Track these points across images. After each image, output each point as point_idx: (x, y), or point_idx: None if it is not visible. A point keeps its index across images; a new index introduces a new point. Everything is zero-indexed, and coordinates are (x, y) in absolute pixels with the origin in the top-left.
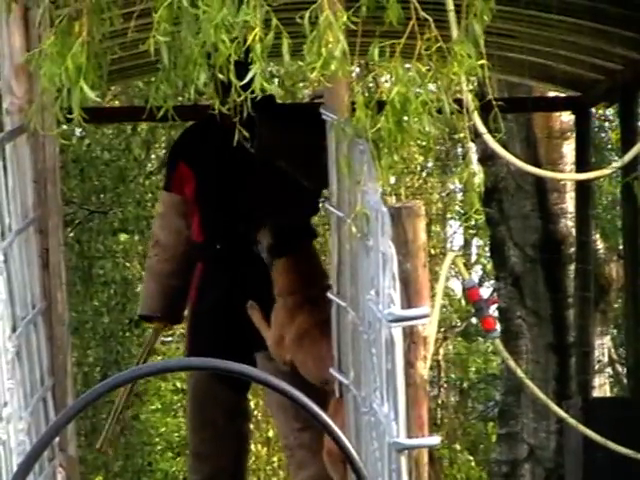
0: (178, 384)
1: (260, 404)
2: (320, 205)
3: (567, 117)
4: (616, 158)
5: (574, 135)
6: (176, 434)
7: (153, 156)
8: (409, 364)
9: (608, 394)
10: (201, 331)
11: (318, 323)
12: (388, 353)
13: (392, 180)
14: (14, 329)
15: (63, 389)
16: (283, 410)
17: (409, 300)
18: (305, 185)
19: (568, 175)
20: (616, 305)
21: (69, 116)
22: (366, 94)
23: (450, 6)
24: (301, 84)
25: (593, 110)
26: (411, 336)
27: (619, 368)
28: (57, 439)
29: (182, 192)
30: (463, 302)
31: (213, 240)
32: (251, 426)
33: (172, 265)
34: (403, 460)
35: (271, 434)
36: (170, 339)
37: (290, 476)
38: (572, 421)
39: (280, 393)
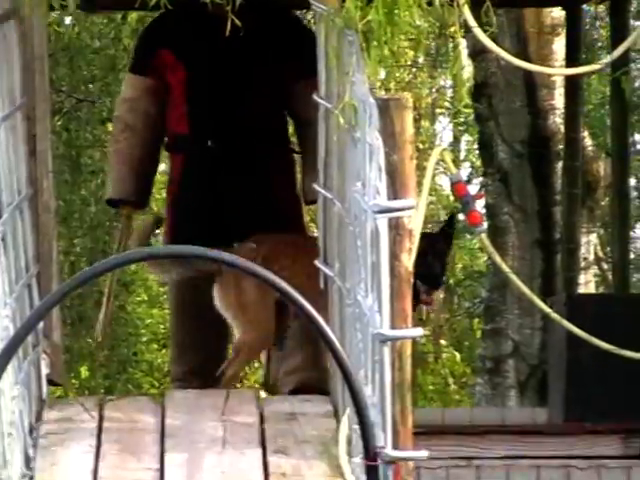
0: None
1: None
2: None
3: (558, 13)
4: (608, 57)
5: (565, 31)
6: (162, 326)
7: None
8: (394, 256)
9: (593, 292)
10: (182, 228)
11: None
12: (373, 245)
13: (382, 74)
14: None
15: (48, 276)
16: None
17: (395, 192)
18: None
19: (557, 70)
20: (603, 203)
21: (63, 2)
22: None
23: None
24: None
25: (585, 7)
26: (396, 228)
27: (605, 266)
28: (41, 325)
29: (161, 79)
30: (451, 199)
31: (202, 135)
32: None
33: (143, 150)
34: (386, 351)
35: None
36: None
37: (274, 365)
38: (556, 316)
39: (265, 282)
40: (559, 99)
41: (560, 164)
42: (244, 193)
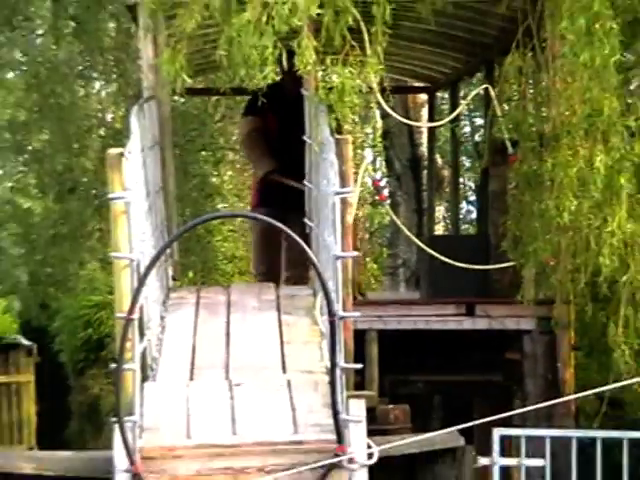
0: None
1: None
2: None
3: (424, 97)
4: (447, 119)
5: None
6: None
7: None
8: (342, 215)
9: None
10: (265, 201)
11: None
12: (333, 210)
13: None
14: None
15: (171, 227)
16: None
17: (343, 184)
18: None
19: (423, 124)
20: (447, 190)
21: (176, 91)
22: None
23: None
24: None
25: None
26: (344, 202)
27: (448, 221)
28: (168, 251)
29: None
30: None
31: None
32: None
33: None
34: (339, 264)
35: None
36: None
37: (283, 272)
38: (424, 246)
39: (282, 230)
40: (424, 138)
41: (425, 171)
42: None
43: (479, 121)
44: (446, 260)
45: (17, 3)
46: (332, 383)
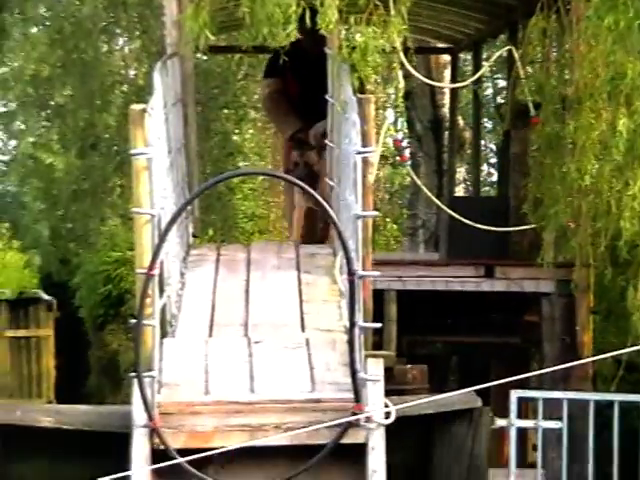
0: None
1: None
2: None
3: (447, 58)
4: (469, 80)
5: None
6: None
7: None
8: (363, 175)
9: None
10: None
11: None
12: (354, 169)
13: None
14: None
15: (192, 184)
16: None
17: (365, 144)
18: None
19: (445, 84)
20: (468, 152)
21: (199, 49)
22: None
23: None
24: None
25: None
26: (365, 162)
27: (469, 183)
28: (189, 207)
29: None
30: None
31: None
32: None
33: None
34: (359, 223)
35: None
36: None
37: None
38: (443, 207)
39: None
40: (447, 99)
41: (446, 133)
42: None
43: (502, 83)
44: (466, 221)
45: None
46: (350, 342)
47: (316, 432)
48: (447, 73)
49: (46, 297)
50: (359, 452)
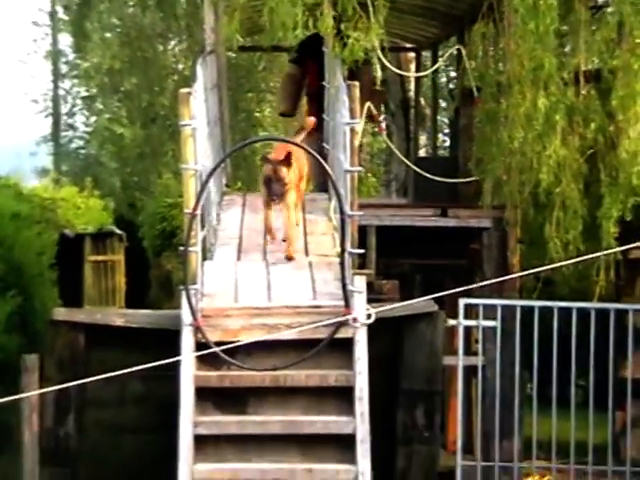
0: None
1: None
2: None
3: (412, 54)
4: (430, 70)
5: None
6: None
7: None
8: (351, 140)
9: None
10: None
11: None
12: (344, 135)
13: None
14: None
15: (224, 149)
16: None
17: (352, 117)
18: None
19: (411, 74)
20: (428, 124)
21: (231, 48)
22: None
23: None
24: None
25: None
26: (352, 130)
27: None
28: (222, 165)
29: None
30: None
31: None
32: None
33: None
34: (348, 177)
35: None
36: None
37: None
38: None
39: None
40: (412, 85)
41: (412, 110)
42: None
43: (453, 73)
44: (427, 175)
45: None
46: (342, 264)
47: (317, 329)
48: (413, 66)
49: (118, 231)
50: (348, 344)
